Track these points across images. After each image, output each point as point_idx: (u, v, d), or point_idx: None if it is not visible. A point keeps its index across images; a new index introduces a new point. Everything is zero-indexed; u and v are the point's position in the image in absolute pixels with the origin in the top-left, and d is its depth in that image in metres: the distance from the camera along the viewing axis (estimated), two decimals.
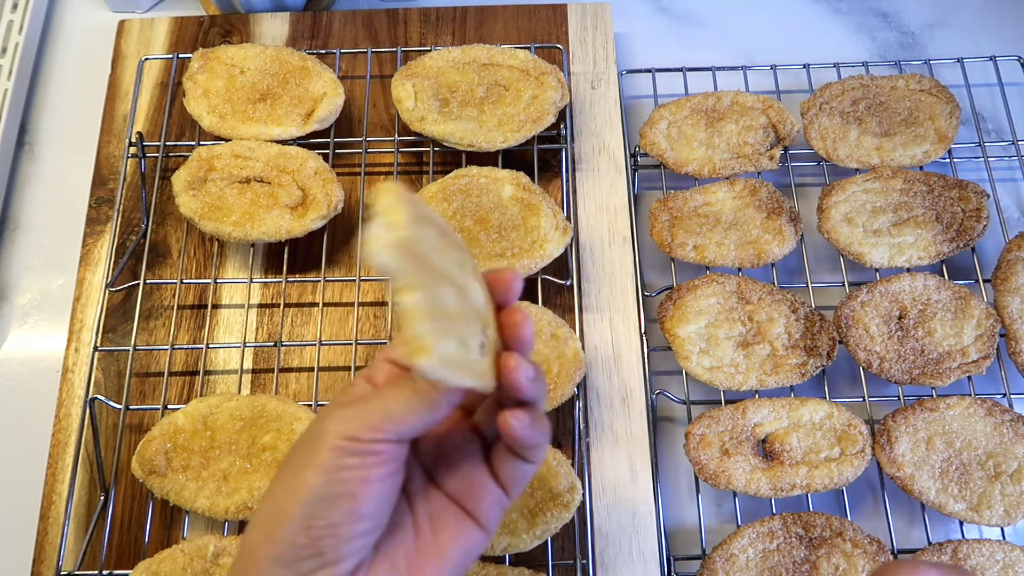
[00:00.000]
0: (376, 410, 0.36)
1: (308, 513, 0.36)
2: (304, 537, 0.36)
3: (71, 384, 0.69)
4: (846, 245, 0.70)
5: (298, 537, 0.36)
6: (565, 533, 0.63)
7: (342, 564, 0.37)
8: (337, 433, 0.36)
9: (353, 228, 0.75)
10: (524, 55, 0.77)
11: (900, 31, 0.88)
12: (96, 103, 0.81)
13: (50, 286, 0.76)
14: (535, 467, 0.41)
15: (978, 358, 0.65)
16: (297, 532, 0.36)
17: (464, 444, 0.42)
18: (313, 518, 0.36)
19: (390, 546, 0.39)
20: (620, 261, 0.73)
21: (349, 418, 0.36)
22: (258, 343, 0.71)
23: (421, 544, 0.40)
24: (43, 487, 0.66)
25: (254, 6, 0.85)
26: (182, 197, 0.69)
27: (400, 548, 0.39)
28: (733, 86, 0.80)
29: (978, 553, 0.60)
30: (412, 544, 0.39)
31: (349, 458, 0.36)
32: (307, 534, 0.36)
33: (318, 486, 0.36)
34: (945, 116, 0.75)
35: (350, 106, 0.80)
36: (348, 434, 0.36)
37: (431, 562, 0.39)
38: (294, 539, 0.36)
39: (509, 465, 0.40)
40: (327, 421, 0.37)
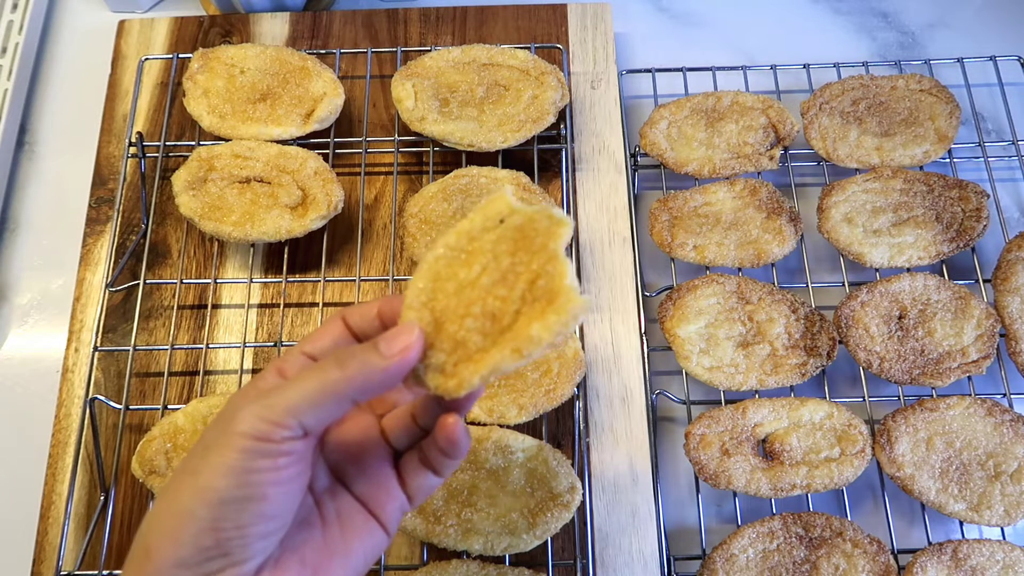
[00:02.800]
0: (280, 405, 0.36)
1: (216, 515, 0.35)
2: (211, 539, 0.35)
3: (71, 384, 0.69)
4: (846, 245, 0.70)
5: (204, 539, 0.35)
6: (565, 533, 0.63)
7: (249, 563, 0.36)
8: (246, 433, 0.35)
9: (353, 228, 0.75)
10: (524, 55, 0.77)
11: (900, 31, 0.88)
12: (96, 103, 0.81)
13: (50, 286, 0.76)
14: (441, 481, 0.43)
15: (978, 358, 0.65)
16: (203, 534, 0.35)
17: (374, 449, 0.42)
18: (221, 520, 0.35)
19: (297, 541, 0.39)
20: (620, 261, 0.73)
21: (257, 416, 0.35)
22: (258, 343, 0.71)
23: (328, 541, 0.40)
24: (43, 487, 0.66)
25: (254, 6, 0.85)
26: (182, 197, 0.69)
27: (307, 544, 0.39)
28: (733, 86, 0.80)
29: (978, 553, 0.60)
30: (320, 541, 0.40)
31: (260, 460, 0.35)
32: (214, 536, 0.35)
33: (227, 488, 0.35)
34: (945, 116, 0.75)
35: (350, 106, 0.80)
36: (258, 434, 0.35)
37: (338, 559, 0.40)
38: (200, 541, 0.35)
39: (419, 476, 0.42)
40: (235, 419, 0.36)
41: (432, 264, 0.37)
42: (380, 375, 0.36)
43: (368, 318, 0.40)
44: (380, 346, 0.36)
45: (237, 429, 0.35)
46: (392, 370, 0.36)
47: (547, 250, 0.36)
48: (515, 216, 0.37)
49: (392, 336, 0.36)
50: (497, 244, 0.37)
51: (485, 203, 0.37)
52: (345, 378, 0.36)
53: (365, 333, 0.40)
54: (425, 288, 0.37)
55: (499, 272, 0.37)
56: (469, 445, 0.41)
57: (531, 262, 0.36)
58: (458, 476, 0.60)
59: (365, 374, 0.36)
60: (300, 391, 0.36)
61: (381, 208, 0.76)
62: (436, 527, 0.59)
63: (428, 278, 0.37)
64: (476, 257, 0.37)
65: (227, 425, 0.36)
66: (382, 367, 0.36)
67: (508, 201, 0.37)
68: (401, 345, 0.36)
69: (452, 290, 0.37)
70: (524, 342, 0.35)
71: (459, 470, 0.60)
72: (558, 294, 0.35)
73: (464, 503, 0.59)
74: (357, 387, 0.36)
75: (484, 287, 0.37)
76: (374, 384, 0.36)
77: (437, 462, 0.41)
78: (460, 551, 0.59)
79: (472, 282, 0.37)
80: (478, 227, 0.37)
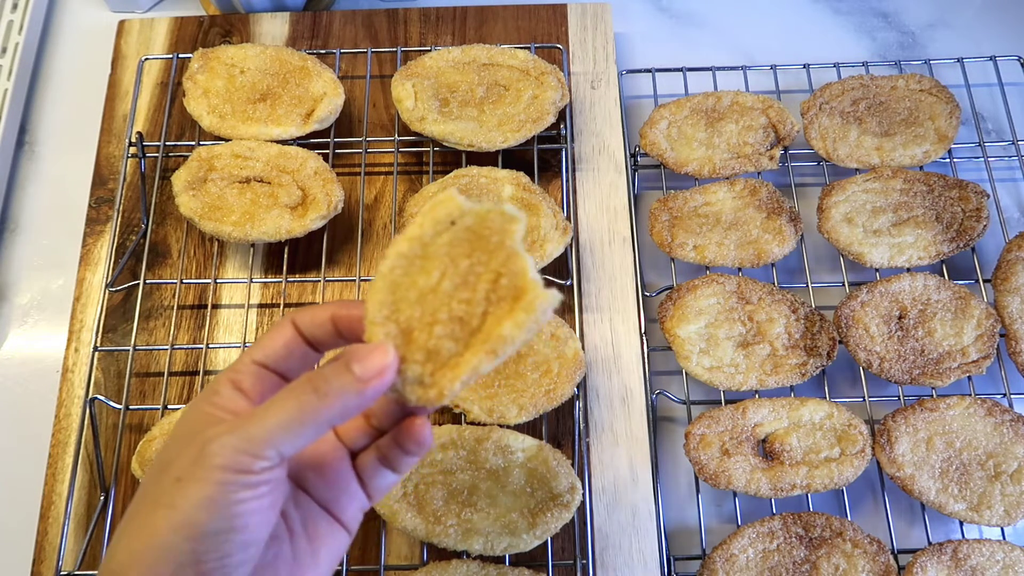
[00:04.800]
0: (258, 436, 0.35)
1: (198, 549, 0.34)
2: (192, 572, 0.34)
3: (71, 384, 0.69)
4: (846, 245, 0.70)
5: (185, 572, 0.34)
6: (565, 533, 0.63)
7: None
8: (224, 466, 0.34)
9: (353, 228, 0.75)
10: (524, 55, 0.77)
11: (900, 31, 0.88)
12: (96, 103, 0.81)
13: (50, 286, 0.76)
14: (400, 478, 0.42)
15: (978, 358, 0.65)
16: (185, 568, 0.34)
17: (332, 453, 0.41)
18: (203, 553, 0.34)
19: (269, 558, 0.38)
20: (620, 261, 0.73)
21: (234, 449, 0.34)
22: None
23: (298, 552, 0.39)
24: (43, 487, 0.66)
25: (254, 6, 0.85)
26: (182, 197, 0.69)
27: (279, 559, 0.39)
28: (733, 86, 0.80)
29: (978, 553, 0.60)
30: (289, 554, 0.39)
31: (240, 491, 0.34)
32: (196, 569, 0.34)
33: (209, 522, 0.34)
34: (945, 116, 0.75)
35: (350, 106, 0.80)
36: (237, 467, 0.34)
37: (308, 570, 0.39)
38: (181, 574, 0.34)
39: (378, 475, 0.41)
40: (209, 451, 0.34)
41: (387, 275, 0.36)
42: (357, 399, 0.35)
43: (320, 323, 0.39)
44: (354, 368, 0.35)
45: (214, 462, 0.34)
46: (369, 393, 0.35)
47: (504, 247, 0.35)
48: (466, 216, 0.36)
49: (365, 357, 0.35)
50: (452, 247, 0.36)
51: (432, 205, 0.36)
52: (324, 405, 0.35)
53: (317, 338, 0.39)
54: (385, 301, 0.36)
55: (459, 275, 0.36)
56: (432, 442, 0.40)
57: (490, 261, 0.36)
58: (458, 476, 0.60)
59: (342, 399, 0.35)
60: (277, 420, 0.35)
61: (381, 208, 0.76)
62: (436, 527, 0.59)
63: (387, 290, 0.36)
64: (433, 262, 0.36)
65: (200, 456, 0.35)
66: (359, 391, 0.35)
67: (457, 202, 0.36)
68: (377, 367, 0.35)
69: (414, 299, 0.36)
70: (498, 343, 0.35)
71: (459, 470, 0.60)
72: (524, 291, 0.35)
73: (464, 503, 0.59)
74: (335, 413, 0.35)
75: (447, 292, 0.36)
76: (351, 408, 0.35)
77: (398, 461, 0.41)
78: (460, 551, 0.59)
79: (433, 288, 0.36)
80: (429, 232, 0.36)
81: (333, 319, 0.39)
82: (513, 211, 0.35)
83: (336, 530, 0.41)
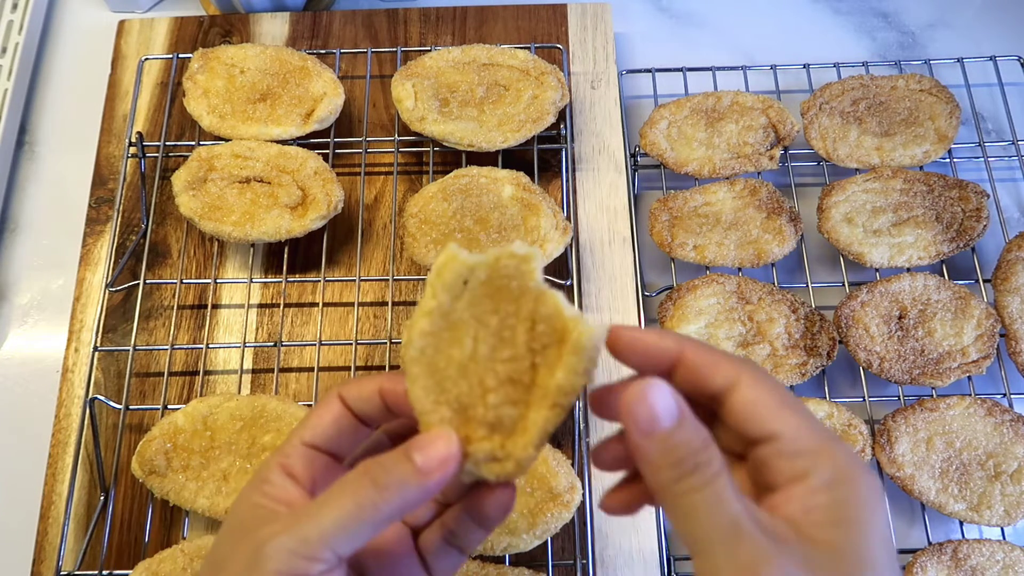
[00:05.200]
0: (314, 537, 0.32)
1: None
2: None
3: (71, 384, 0.69)
4: (846, 245, 0.70)
5: None
6: (565, 533, 0.63)
7: None
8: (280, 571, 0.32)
9: (353, 228, 0.75)
10: (524, 55, 0.77)
11: (900, 31, 0.88)
12: (96, 103, 0.81)
13: (50, 286, 0.76)
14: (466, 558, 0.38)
15: (978, 358, 0.65)
16: None
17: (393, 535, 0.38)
18: None
19: None
20: (620, 261, 0.73)
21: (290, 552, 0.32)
22: (258, 343, 0.71)
23: None
24: (43, 487, 0.66)
25: (254, 6, 0.85)
26: (182, 197, 0.69)
27: None
28: (733, 86, 0.80)
29: (978, 553, 0.60)
30: None
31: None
32: None
33: None
34: (945, 116, 0.75)
35: (350, 106, 0.80)
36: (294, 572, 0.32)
37: None
38: None
39: (445, 556, 0.38)
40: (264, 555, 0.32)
41: (420, 359, 0.34)
42: (419, 492, 0.32)
43: (367, 397, 0.36)
44: (416, 458, 0.32)
45: (269, 567, 0.32)
46: (431, 487, 0.32)
47: (529, 290, 0.33)
48: (477, 271, 0.33)
49: (427, 446, 0.32)
50: (475, 307, 0.33)
51: (437, 271, 0.33)
52: (383, 500, 0.32)
53: (366, 414, 0.36)
54: (429, 386, 0.34)
55: (493, 335, 0.33)
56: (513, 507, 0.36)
57: (519, 310, 0.33)
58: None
59: (403, 493, 0.32)
60: (333, 519, 0.32)
61: (381, 208, 0.76)
62: None
63: (426, 375, 0.34)
64: (461, 330, 0.33)
65: (255, 561, 0.32)
66: (421, 484, 0.32)
67: (461, 259, 0.33)
68: (440, 456, 0.32)
69: (456, 374, 0.34)
70: (559, 396, 0.32)
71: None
72: (567, 332, 0.32)
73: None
74: (395, 508, 0.32)
75: (486, 357, 0.33)
76: (413, 502, 0.32)
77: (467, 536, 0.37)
78: None
79: (472, 356, 0.33)
80: (445, 300, 0.33)
81: (381, 393, 0.36)
82: (523, 248, 0.33)
83: None
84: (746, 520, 0.29)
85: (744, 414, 0.32)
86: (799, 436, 0.31)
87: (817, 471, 0.30)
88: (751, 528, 0.29)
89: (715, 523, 0.30)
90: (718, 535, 0.29)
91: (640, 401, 0.31)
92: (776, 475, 0.31)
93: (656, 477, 0.31)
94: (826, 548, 0.29)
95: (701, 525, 0.30)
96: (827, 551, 0.29)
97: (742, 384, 0.32)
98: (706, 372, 0.33)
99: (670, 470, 0.31)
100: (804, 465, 0.30)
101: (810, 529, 0.30)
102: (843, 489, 0.30)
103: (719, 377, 0.32)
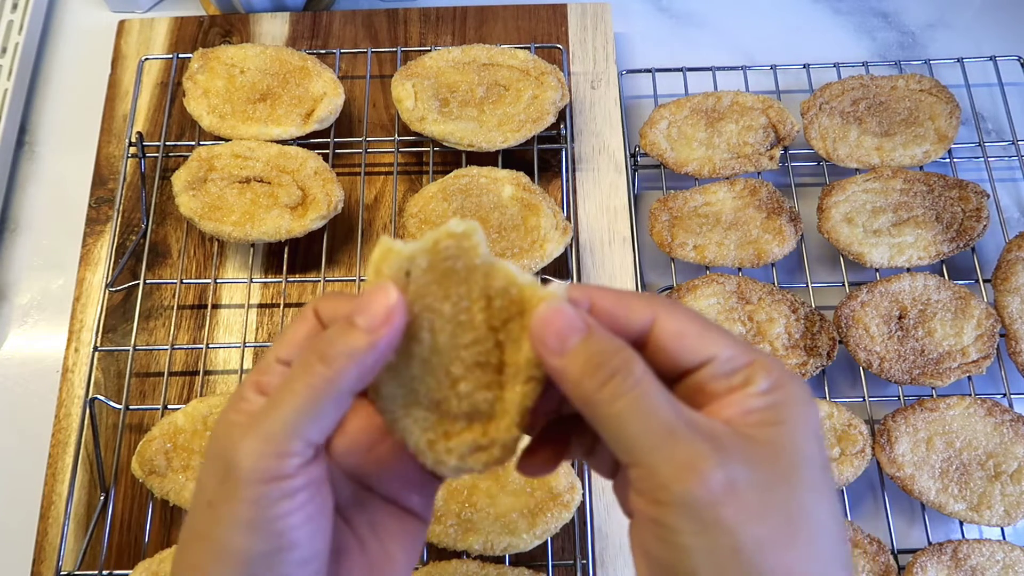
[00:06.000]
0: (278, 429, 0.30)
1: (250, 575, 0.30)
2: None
3: (71, 384, 0.69)
4: (846, 245, 0.70)
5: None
6: (565, 533, 0.63)
7: None
8: (252, 476, 0.30)
9: (353, 228, 0.75)
10: (524, 55, 0.77)
11: (900, 31, 0.88)
12: (96, 103, 0.81)
13: (50, 286, 0.76)
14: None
15: (978, 358, 0.65)
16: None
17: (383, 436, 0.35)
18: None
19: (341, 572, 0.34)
20: (620, 261, 0.73)
21: (257, 453, 0.30)
22: (258, 343, 0.71)
23: (371, 560, 0.35)
24: (43, 487, 0.66)
25: (254, 6, 0.85)
26: (182, 197, 0.69)
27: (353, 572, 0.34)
28: (733, 86, 0.80)
29: (978, 553, 0.60)
30: (363, 563, 0.35)
31: (278, 504, 0.30)
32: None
33: (252, 546, 0.30)
34: (945, 116, 0.75)
35: (350, 106, 0.80)
36: (267, 473, 0.30)
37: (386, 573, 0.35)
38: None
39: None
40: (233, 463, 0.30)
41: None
42: (371, 354, 0.31)
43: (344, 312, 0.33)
44: (358, 321, 0.31)
45: (240, 475, 0.30)
46: (382, 345, 0.31)
47: (476, 268, 0.31)
48: (418, 259, 0.31)
49: (367, 304, 0.31)
50: (424, 298, 0.31)
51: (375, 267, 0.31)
52: (336, 373, 0.30)
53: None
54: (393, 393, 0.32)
55: (449, 323, 0.31)
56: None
57: (471, 291, 0.31)
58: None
59: (355, 360, 0.30)
60: (292, 405, 0.30)
61: (381, 208, 0.76)
62: (436, 527, 0.59)
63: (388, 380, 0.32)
64: (414, 326, 0.32)
65: (226, 471, 0.30)
66: (371, 343, 0.30)
67: (396, 249, 0.31)
68: (382, 311, 0.31)
69: (420, 372, 0.32)
70: (529, 368, 0.31)
71: None
72: (527, 302, 0.31)
73: (464, 502, 0.59)
74: (352, 377, 0.31)
75: (448, 346, 0.32)
76: (368, 367, 0.31)
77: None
78: (460, 551, 0.59)
79: (433, 350, 0.32)
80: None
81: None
82: (460, 225, 0.31)
83: (409, 523, 0.36)
84: (680, 422, 0.29)
85: (673, 344, 0.32)
86: (733, 355, 0.31)
87: (755, 380, 0.31)
88: (686, 430, 0.29)
89: (648, 427, 0.29)
90: (653, 440, 0.29)
91: (546, 324, 0.31)
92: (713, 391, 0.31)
93: (579, 391, 0.30)
94: (765, 444, 0.30)
95: (633, 432, 0.29)
96: (766, 447, 0.30)
97: (660, 318, 0.32)
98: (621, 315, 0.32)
99: (590, 379, 0.30)
100: (741, 377, 0.31)
101: (748, 429, 0.30)
102: (779, 393, 0.31)
103: (635, 317, 0.32)
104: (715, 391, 0.31)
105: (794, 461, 0.30)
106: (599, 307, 0.32)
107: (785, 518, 0.29)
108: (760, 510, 0.28)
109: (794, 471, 0.29)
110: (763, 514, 0.28)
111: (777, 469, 0.29)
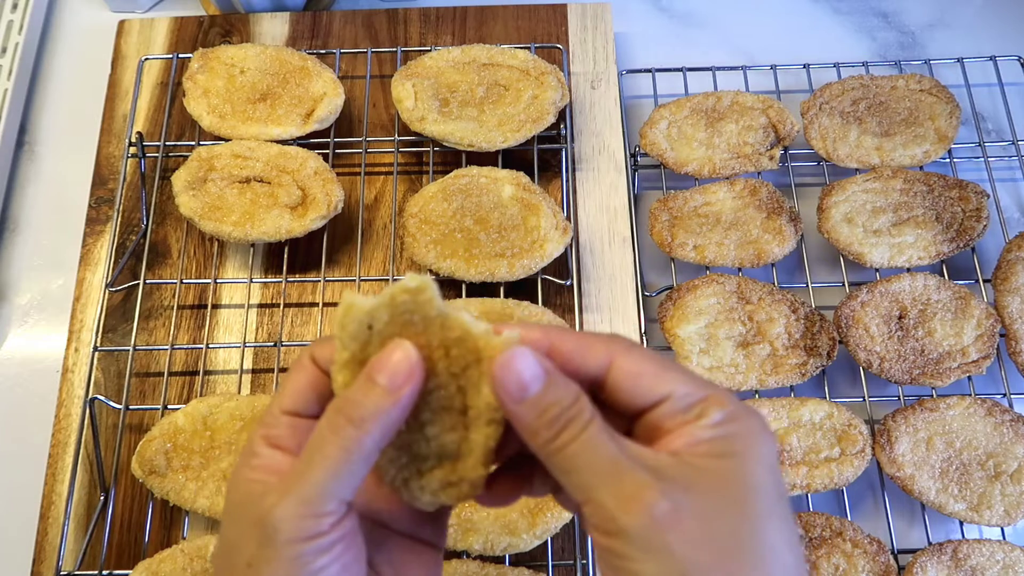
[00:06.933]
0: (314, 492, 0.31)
1: None
2: None
3: (71, 384, 0.69)
4: (846, 245, 0.70)
5: None
6: (565, 533, 0.63)
7: None
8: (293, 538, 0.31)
9: (353, 228, 0.75)
10: (524, 55, 0.77)
11: (900, 31, 0.88)
12: (96, 103, 0.81)
13: (50, 286, 0.76)
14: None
15: (978, 358, 0.65)
16: None
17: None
18: None
19: None
20: (620, 261, 0.73)
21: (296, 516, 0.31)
22: (258, 343, 0.71)
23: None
24: (43, 487, 0.66)
25: (254, 6, 0.86)
26: (182, 197, 0.69)
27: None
28: (733, 86, 0.80)
29: (978, 553, 0.60)
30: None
31: (317, 559, 0.31)
32: None
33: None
34: (945, 116, 0.75)
35: (350, 106, 0.80)
36: (305, 534, 0.31)
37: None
38: None
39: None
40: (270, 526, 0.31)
41: None
42: (395, 411, 0.32)
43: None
44: (379, 380, 0.32)
45: (280, 538, 0.31)
46: (404, 400, 0.32)
47: (432, 320, 0.32)
48: (378, 313, 0.32)
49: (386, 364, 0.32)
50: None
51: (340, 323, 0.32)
52: (365, 433, 0.32)
53: None
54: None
55: None
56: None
57: (429, 341, 0.33)
58: None
59: (381, 418, 0.32)
60: (325, 468, 0.31)
61: (381, 208, 0.76)
62: None
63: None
64: None
65: (265, 535, 0.31)
66: (394, 401, 0.32)
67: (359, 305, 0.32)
68: (403, 369, 0.32)
69: None
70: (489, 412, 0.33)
71: None
72: (481, 351, 0.32)
73: (464, 502, 0.59)
74: (379, 436, 0.32)
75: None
76: (393, 423, 0.32)
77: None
78: (460, 551, 0.59)
79: None
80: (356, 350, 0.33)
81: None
82: (414, 281, 0.32)
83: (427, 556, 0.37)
84: (623, 457, 0.31)
85: (629, 384, 0.32)
86: (689, 391, 0.32)
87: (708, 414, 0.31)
88: (629, 464, 0.30)
89: (594, 465, 0.30)
90: (599, 477, 0.30)
91: (506, 370, 0.31)
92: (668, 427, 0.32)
93: (535, 440, 0.32)
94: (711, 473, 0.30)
95: (582, 472, 0.31)
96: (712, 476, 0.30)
97: (617, 359, 0.33)
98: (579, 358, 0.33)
99: (546, 430, 0.31)
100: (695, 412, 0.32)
101: (695, 459, 0.31)
102: (732, 425, 0.31)
103: (592, 360, 0.33)
104: (670, 426, 0.32)
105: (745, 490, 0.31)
106: (558, 350, 0.33)
107: (734, 544, 0.30)
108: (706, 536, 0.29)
109: (746, 499, 0.30)
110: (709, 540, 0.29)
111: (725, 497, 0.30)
